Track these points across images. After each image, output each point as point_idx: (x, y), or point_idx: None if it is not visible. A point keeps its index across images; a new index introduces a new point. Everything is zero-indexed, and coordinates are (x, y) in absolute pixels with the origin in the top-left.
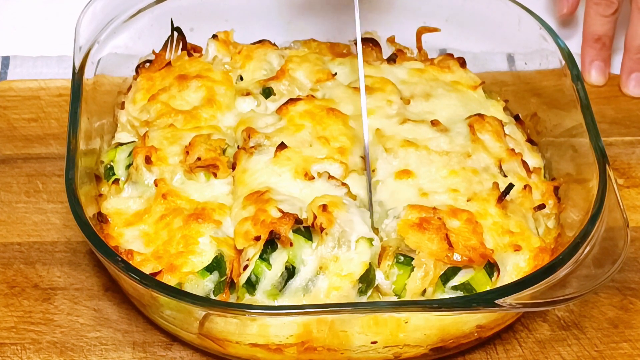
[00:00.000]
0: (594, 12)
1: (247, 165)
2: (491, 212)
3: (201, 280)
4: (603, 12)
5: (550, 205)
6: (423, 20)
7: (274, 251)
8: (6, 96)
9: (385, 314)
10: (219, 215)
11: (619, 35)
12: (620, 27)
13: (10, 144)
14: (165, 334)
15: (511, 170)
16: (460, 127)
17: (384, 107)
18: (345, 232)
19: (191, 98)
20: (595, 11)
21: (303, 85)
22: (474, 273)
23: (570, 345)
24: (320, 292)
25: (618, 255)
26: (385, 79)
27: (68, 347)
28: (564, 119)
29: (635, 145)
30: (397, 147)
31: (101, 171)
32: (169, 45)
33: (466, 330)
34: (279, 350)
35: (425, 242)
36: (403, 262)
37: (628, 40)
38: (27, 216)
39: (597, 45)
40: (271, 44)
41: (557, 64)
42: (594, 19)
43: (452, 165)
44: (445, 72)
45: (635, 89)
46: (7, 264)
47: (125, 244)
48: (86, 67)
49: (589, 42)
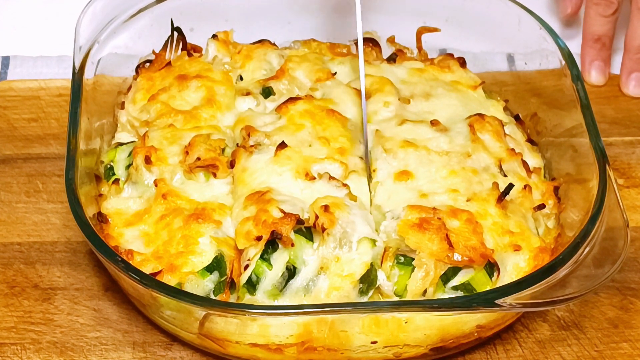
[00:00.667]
0: (594, 13)
1: (247, 164)
2: (491, 212)
3: (201, 281)
4: (603, 12)
5: (550, 205)
6: (423, 20)
7: (275, 251)
8: (6, 96)
9: (385, 313)
10: (219, 215)
11: (619, 35)
12: (620, 27)
13: (10, 144)
14: (165, 334)
15: (511, 170)
16: (460, 127)
17: (380, 110)
18: (346, 233)
19: (191, 98)
20: (595, 11)
21: (303, 84)
22: (474, 273)
23: (570, 345)
24: (320, 292)
25: (618, 255)
26: (384, 79)
27: (68, 347)
28: (564, 119)
29: (635, 145)
30: (397, 148)
31: (101, 171)
32: (169, 45)
33: (466, 330)
34: (279, 350)
35: (426, 243)
36: (404, 263)
37: (628, 40)
38: (27, 216)
39: (597, 45)
40: (271, 44)
41: (557, 64)
42: (594, 19)
43: (451, 166)
44: (445, 72)
45: (635, 89)
46: (7, 264)
47: (125, 244)
48: (86, 67)
49: (588, 42)
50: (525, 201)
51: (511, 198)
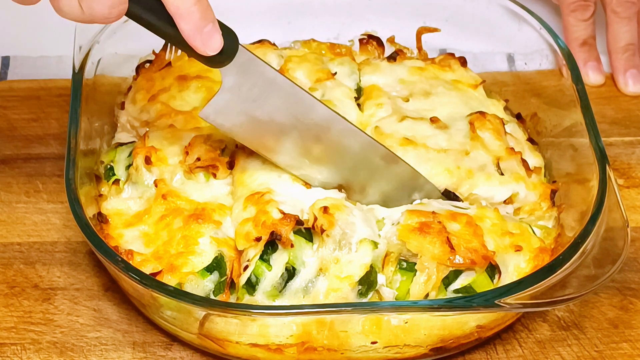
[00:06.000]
0: (573, 19)
1: (247, 165)
2: (488, 215)
3: (201, 281)
4: (582, 17)
5: (544, 208)
6: (423, 20)
7: (275, 252)
8: (6, 96)
9: (385, 314)
10: (219, 215)
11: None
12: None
13: (10, 144)
14: (165, 334)
15: (509, 169)
16: (461, 124)
17: (376, 112)
18: (345, 234)
19: (191, 98)
20: (574, 18)
21: (303, 84)
22: (476, 276)
23: (570, 345)
24: (319, 294)
25: (618, 255)
26: (371, 87)
27: (68, 347)
28: (564, 119)
29: (635, 145)
30: (396, 145)
31: (101, 171)
32: (169, 45)
33: (466, 330)
34: (279, 351)
35: (427, 246)
36: (406, 268)
37: (611, 43)
38: (27, 216)
39: (584, 48)
40: (271, 44)
41: (557, 64)
42: (575, 25)
43: (447, 164)
44: (445, 71)
45: (635, 85)
46: (7, 264)
47: (125, 244)
48: (86, 67)
49: (575, 48)
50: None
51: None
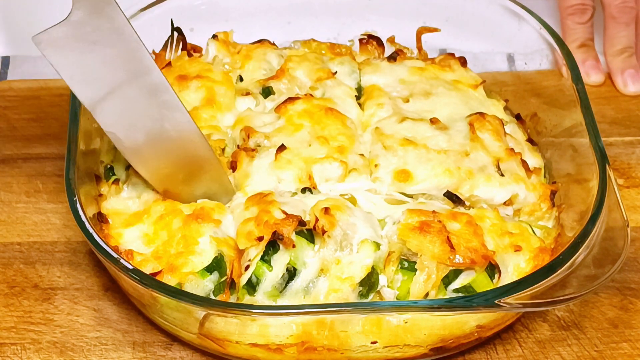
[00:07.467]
0: (571, 22)
1: (249, 169)
2: (488, 215)
3: (201, 281)
4: (580, 20)
5: (543, 209)
6: (423, 20)
7: (276, 252)
8: (6, 96)
9: (385, 314)
10: (218, 214)
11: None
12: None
13: (10, 144)
14: (165, 334)
15: (509, 170)
16: (460, 125)
17: (376, 112)
18: (347, 235)
19: (191, 98)
20: (572, 21)
21: (303, 84)
22: (476, 275)
23: (570, 345)
24: (319, 294)
25: (618, 255)
26: (369, 87)
27: (68, 347)
28: (564, 119)
29: (635, 145)
30: (397, 146)
31: (101, 171)
32: (169, 45)
33: (466, 330)
34: (279, 350)
35: (427, 245)
36: (407, 268)
37: (608, 46)
38: (27, 216)
39: (583, 49)
40: (271, 44)
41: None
42: (573, 29)
43: (448, 164)
44: (446, 71)
45: (634, 85)
46: (7, 264)
47: (125, 244)
48: None
49: (574, 50)
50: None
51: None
